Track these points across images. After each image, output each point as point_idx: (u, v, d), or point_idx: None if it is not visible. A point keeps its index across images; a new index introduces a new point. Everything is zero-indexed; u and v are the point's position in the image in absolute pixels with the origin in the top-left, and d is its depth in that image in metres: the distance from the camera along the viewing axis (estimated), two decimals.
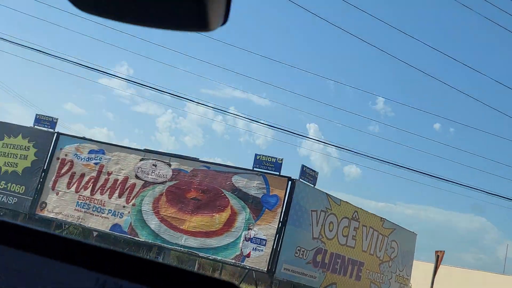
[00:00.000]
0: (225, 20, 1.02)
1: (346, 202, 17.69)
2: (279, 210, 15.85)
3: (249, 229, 15.85)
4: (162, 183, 17.08)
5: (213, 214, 16.27)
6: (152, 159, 17.47)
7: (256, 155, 16.54)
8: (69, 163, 18.13)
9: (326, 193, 16.92)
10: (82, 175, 17.91)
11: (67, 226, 19.30)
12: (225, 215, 16.18)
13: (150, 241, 16.83)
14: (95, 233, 17.19)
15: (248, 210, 16.04)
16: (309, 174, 16.47)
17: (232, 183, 16.38)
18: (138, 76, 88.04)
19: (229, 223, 16.09)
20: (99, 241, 29.27)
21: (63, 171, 18.13)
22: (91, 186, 17.73)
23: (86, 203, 17.59)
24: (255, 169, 16.43)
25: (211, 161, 17.61)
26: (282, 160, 16.21)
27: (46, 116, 18.93)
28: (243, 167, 16.68)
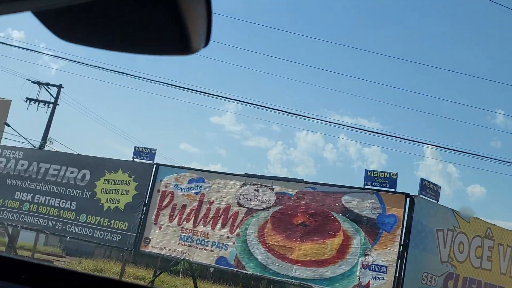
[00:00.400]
0: (207, 42, 1.06)
1: (476, 218, 15.78)
2: (399, 231, 14.37)
3: (366, 255, 14.51)
4: (266, 209, 16.28)
5: (324, 240, 15.13)
6: (254, 184, 16.77)
7: (366, 171, 15.27)
8: (170, 194, 17.93)
9: (452, 210, 15.18)
10: (184, 207, 17.60)
11: (174, 261, 19.13)
12: (337, 240, 14.99)
13: (258, 273, 15.99)
14: (211, 269, 16.61)
15: (363, 233, 14.73)
16: (430, 189, 14.87)
17: (342, 204, 15.19)
18: (246, 112, 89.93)
19: (343, 249, 14.86)
20: (216, 276, 29.07)
21: (164, 203, 17.95)
22: (193, 218, 17.34)
23: (189, 236, 17.20)
24: (366, 187, 15.15)
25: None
26: (396, 174, 14.80)
27: (145, 147, 19.01)
28: (353, 186, 15.46)
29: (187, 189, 17.72)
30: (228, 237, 16.57)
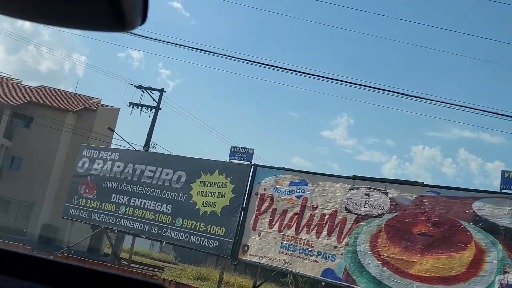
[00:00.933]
0: (143, 20, 1.05)
1: None
2: None
3: (505, 272, 12.15)
4: (379, 216, 14.34)
5: (451, 253, 12.92)
6: (364, 187, 14.89)
7: (503, 172, 12.89)
8: (269, 198, 16.50)
9: None
10: (284, 212, 16.09)
11: (275, 272, 17.69)
12: (468, 254, 12.72)
13: None
14: (323, 283, 14.91)
15: (500, 246, 12.37)
16: None
17: (474, 212, 12.90)
18: (359, 126, 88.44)
19: (475, 264, 12.57)
20: None
21: (263, 208, 16.56)
22: (295, 224, 15.78)
23: (291, 244, 15.66)
24: (503, 190, 12.77)
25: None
26: None
27: (242, 147, 17.76)
28: (486, 190, 13.13)
29: (288, 192, 16.21)
30: (335, 247, 14.83)
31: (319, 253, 15.02)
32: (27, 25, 70.83)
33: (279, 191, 16.39)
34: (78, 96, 40.60)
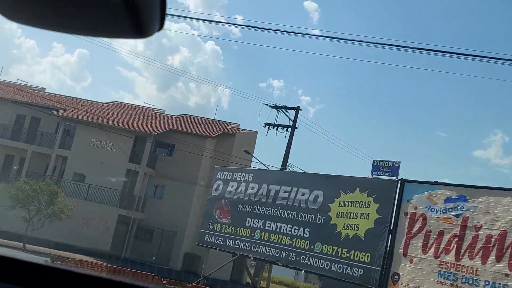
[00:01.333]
0: (161, 26, 1.07)
1: None
2: None
3: None
4: None
5: None
6: None
7: None
8: (421, 218, 14.69)
9: None
10: (441, 234, 14.19)
11: None
12: None
13: None
14: None
15: None
16: None
17: None
18: None
19: None
20: None
21: (414, 229, 14.78)
22: (454, 248, 13.82)
23: (451, 273, 13.71)
24: None
25: None
26: None
27: (385, 161, 16.20)
28: None
29: (444, 211, 14.30)
30: (506, 275, 12.71)
31: (487, 283, 12.90)
32: (176, 63, 75.93)
33: (432, 210, 14.54)
34: (217, 122, 41.69)
